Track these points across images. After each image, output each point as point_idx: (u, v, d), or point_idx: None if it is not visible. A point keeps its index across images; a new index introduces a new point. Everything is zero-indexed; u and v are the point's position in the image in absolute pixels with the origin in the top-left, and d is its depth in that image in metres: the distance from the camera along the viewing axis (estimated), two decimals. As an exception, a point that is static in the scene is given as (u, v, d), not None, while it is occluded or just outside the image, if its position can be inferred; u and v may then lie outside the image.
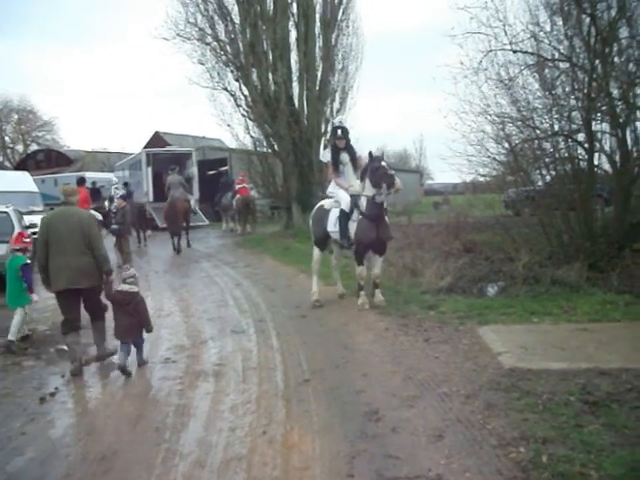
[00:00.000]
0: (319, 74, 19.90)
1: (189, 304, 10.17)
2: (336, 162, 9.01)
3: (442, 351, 6.24)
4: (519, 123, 10.48)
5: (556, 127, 10.35)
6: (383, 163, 8.15)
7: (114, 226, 14.49)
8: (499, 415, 4.42)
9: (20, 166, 46.21)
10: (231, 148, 20.93)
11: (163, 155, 26.88)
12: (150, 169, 24.98)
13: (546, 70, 10.43)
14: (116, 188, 24.20)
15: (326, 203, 9.31)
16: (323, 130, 19.90)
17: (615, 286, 8.67)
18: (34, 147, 57.11)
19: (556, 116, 10.11)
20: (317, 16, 19.83)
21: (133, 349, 6.68)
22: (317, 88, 19.81)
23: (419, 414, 4.65)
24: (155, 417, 5.27)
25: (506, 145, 10.93)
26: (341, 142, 8.96)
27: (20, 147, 59.07)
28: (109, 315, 6.86)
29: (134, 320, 6.59)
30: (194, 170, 25.88)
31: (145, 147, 31.37)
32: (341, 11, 20.21)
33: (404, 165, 60.71)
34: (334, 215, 8.87)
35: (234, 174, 23.84)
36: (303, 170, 19.56)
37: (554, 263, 9.80)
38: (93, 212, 14.15)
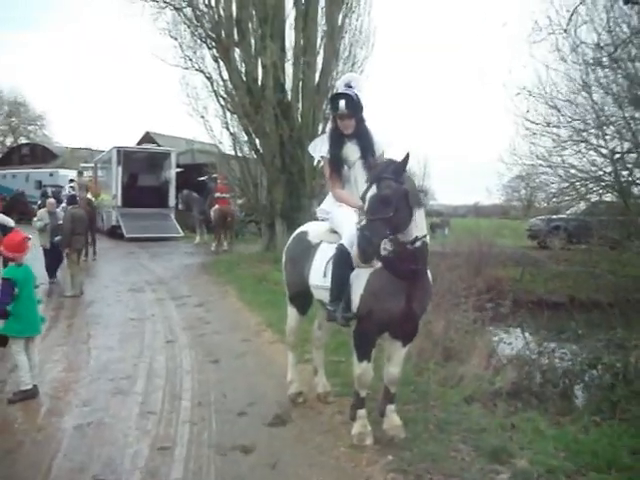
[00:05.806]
0: (320, 60, 15.66)
1: (73, 381, 6.20)
2: (337, 160, 4.62)
3: None
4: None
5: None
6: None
7: (56, 237, 11.66)
8: None
9: (4, 160, 45.75)
10: (223, 153, 17.33)
11: (137, 154, 24.28)
12: (121, 169, 21.95)
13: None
14: (71, 187, 20.46)
15: (311, 229, 4.95)
16: (321, 130, 15.65)
17: None
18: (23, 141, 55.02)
19: None
20: (321, -12, 15.58)
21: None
22: (316, 77, 15.61)
23: None
24: None
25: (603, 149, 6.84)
26: (346, 123, 4.55)
27: (10, 140, 56.50)
28: None
29: None
30: (171, 173, 22.91)
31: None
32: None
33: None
34: (324, 256, 4.54)
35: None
36: (292, 178, 15.27)
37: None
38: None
